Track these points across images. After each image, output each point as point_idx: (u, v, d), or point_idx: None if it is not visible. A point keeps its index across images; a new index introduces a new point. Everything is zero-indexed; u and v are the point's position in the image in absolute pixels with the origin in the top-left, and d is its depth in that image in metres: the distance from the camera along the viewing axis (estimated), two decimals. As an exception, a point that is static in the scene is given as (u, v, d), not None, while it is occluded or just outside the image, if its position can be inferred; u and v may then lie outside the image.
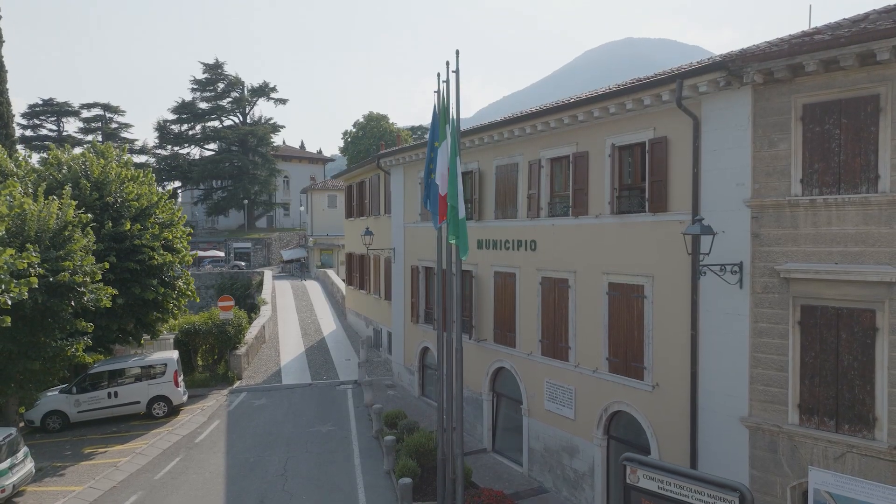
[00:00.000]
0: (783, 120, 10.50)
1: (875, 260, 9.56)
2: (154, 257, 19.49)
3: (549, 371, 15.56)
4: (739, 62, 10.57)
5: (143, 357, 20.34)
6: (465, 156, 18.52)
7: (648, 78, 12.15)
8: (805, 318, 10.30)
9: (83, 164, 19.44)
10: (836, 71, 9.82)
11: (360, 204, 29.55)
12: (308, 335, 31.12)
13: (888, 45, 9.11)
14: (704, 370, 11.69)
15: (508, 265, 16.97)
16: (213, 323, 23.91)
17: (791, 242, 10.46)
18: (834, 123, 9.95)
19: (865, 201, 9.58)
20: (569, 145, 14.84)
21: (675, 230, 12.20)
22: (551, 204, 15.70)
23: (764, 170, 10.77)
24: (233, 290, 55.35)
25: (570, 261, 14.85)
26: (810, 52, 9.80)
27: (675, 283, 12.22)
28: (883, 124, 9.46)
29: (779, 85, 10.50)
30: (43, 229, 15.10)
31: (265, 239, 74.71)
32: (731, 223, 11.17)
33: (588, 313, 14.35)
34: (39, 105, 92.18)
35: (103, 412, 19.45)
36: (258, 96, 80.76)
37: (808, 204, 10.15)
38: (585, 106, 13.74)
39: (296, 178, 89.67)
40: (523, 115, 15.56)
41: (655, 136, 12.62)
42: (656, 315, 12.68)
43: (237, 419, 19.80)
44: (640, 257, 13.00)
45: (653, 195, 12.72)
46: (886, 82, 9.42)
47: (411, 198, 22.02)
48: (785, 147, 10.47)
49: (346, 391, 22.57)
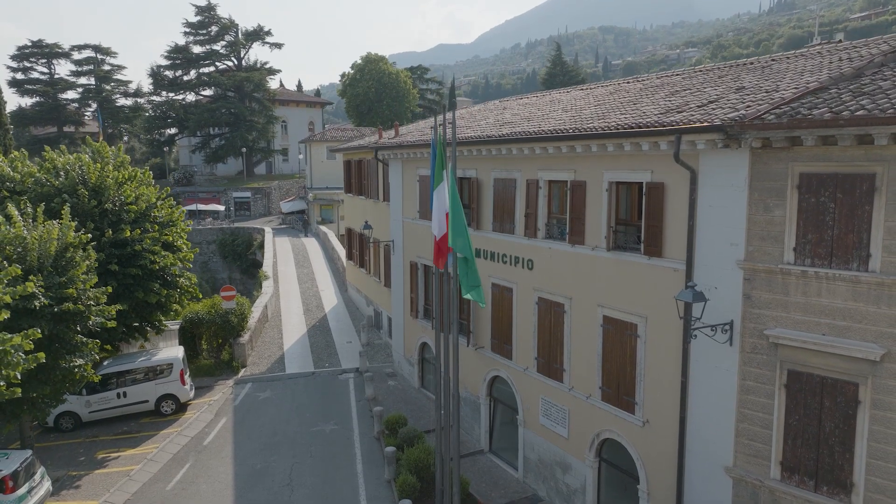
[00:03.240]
0: (779, 186, 10.51)
1: (861, 336, 9.79)
2: (155, 261, 19.70)
3: (544, 388, 16.03)
4: (738, 128, 10.48)
5: (150, 357, 20.84)
6: (462, 162, 18.44)
7: (646, 126, 12.01)
8: (791, 381, 10.62)
9: (80, 169, 19.35)
10: (834, 145, 9.76)
11: (360, 183, 29.44)
12: (310, 311, 31.65)
13: (887, 132, 9.04)
14: (693, 416, 12.10)
15: (506, 279, 17.18)
16: (217, 312, 24.32)
17: (781, 308, 10.66)
18: (829, 196, 9.97)
19: (856, 279, 9.72)
20: (567, 171, 14.80)
21: (669, 277, 12.37)
22: (548, 225, 15.77)
23: (758, 233, 10.85)
24: (234, 245, 55.86)
25: (566, 287, 15.06)
26: (809, 129, 9.72)
27: (667, 328, 12.47)
28: (877, 204, 9.50)
29: (777, 151, 10.45)
30: (44, 256, 15.25)
31: (265, 188, 74.55)
32: (723, 280, 11.33)
33: (583, 340, 14.67)
34: (28, 47, 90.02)
35: (113, 411, 20.12)
36: (253, 40, 78.87)
37: (800, 274, 10.29)
38: (582, 140, 13.63)
39: (294, 122, 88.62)
40: (521, 137, 15.40)
41: (653, 180, 12.59)
42: (649, 355, 12.99)
43: (243, 416, 20.49)
44: (635, 296, 13.21)
45: (648, 238, 12.80)
46: (883, 163, 9.40)
47: (410, 193, 21.99)
48: (780, 214, 10.52)
49: (348, 381, 23.21)
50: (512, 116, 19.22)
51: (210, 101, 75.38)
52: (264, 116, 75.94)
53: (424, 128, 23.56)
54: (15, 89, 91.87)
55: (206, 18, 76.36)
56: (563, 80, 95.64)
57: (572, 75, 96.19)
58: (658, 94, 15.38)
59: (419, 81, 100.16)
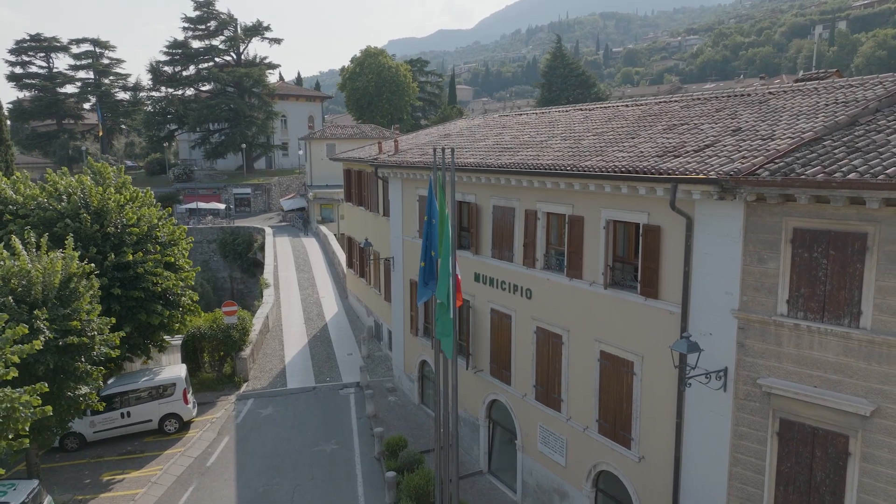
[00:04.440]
0: (773, 239, 10.66)
1: (852, 391, 9.99)
2: (158, 283, 19.88)
3: (542, 416, 16.26)
4: (733, 183, 10.62)
5: (153, 377, 21.09)
6: (462, 187, 18.50)
7: (644, 171, 12.13)
8: (783, 430, 10.84)
9: (82, 193, 19.47)
10: (827, 204, 9.89)
11: (360, 194, 29.56)
12: (311, 320, 31.88)
13: (877, 196, 9.18)
14: (688, 457, 12.33)
15: (505, 305, 17.36)
16: (218, 327, 24.54)
17: (774, 358, 10.85)
18: (822, 253, 10.13)
19: (847, 335, 9.90)
20: (565, 205, 14.93)
21: (665, 319, 12.56)
22: (547, 256, 15.92)
23: (752, 284, 11.01)
24: (234, 245, 56.03)
25: (564, 319, 15.24)
26: (802, 188, 9.86)
27: (663, 368, 12.66)
28: (869, 263, 9.65)
29: (771, 205, 10.58)
30: (48, 287, 15.44)
31: (265, 184, 74.62)
32: (718, 327, 11.52)
33: (580, 372, 14.88)
34: (27, 41, 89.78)
35: (117, 431, 20.40)
36: (252, 35, 78.64)
37: (793, 326, 10.48)
38: (580, 178, 13.75)
39: (294, 116, 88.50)
40: (520, 170, 15.50)
41: (649, 223, 12.74)
42: (645, 393, 13.21)
43: (245, 435, 20.76)
44: (631, 335, 13.39)
45: (645, 279, 12.97)
46: (875, 223, 9.54)
47: (409, 212, 22.12)
48: (774, 266, 10.68)
49: (349, 397, 23.48)
50: (511, 140, 19.29)
51: (209, 97, 75.21)
52: (264, 112, 75.87)
53: (425, 143, 23.62)
54: (13, 83, 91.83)
55: (205, 14, 76.06)
56: (563, 72, 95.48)
57: (572, 68, 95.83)
58: (656, 125, 15.47)
59: (419, 74, 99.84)
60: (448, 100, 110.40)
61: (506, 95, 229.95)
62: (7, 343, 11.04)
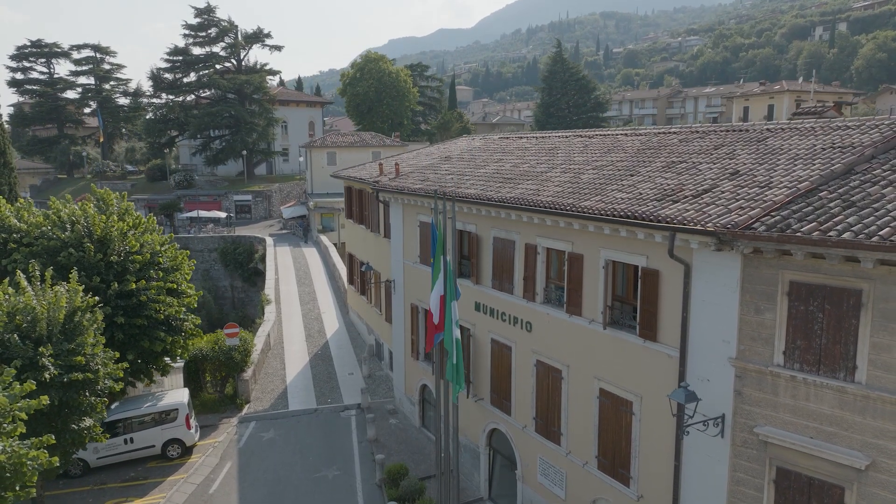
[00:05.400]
0: (770, 291, 10.79)
1: (848, 444, 10.12)
2: (160, 310, 20.02)
3: (542, 449, 16.40)
4: (729, 236, 10.75)
5: (156, 403, 21.24)
6: (463, 216, 18.64)
7: (642, 217, 12.25)
8: (780, 478, 10.98)
9: (85, 221, 19.62)
10: (823, 259, 10.02)
11: (360, 213, 29.69)
12: (312, 337, 32.03)
13: (872, 257, 9.32)
14: (686, 499, 12.46)
15: (505, 336, 17.49)
16: (220, 349, 24.69)
17: (770, 408, 10.99)
18: (818, 307, 10.26)
19: (843, 389, 10.04)
20: (565, 242, 15.06)
21: (663, 361, 12.69)
22: (547, 290, 16.06)
23: (749, 333, 11.15)
24: (235, 254, 56.16)
25: (564, 354, 15.38)
26: (798, 244, 9.99)
27: (662, 410, 12.78)
28: (864, 319, 9.78)
29: (768, 258, 10.71)
30: (53, 323, 15.58)
31: (265, 191, 74.74)
32: (715, 374, 11.65)
33: (580, 408, 15.02)
34: (28, 46, 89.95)
35: (121, 457, 20.55)
36: (252, 42, 78.77)
37: (789, 378, 10.61)
38: (579, 219, 13.89)
39: (294, 122, 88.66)
40: (519, 206, 15.62)
41: (648, 266, 12.87)
42: (643, 433, 13.35)
43: (248, 460, 20.92)
44: (630, 375, 13.53)
45: (643, 321, 13.10)
46: (870, 281, 9.67)
47: (410, 237, 22.26)
48: (770, 317, 10.82)
49: (350, 419, 23.64)
50: (511, 168, 19.39)
51: (210, 104, 75.31)
52: (265, 119, 76.01)
53: (426, 167, 23.74)
54: (15, 89, 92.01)
55: (206, 21, 76.17)
56: (563, 76, 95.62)
57: (573, 73, 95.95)
58: (655, 161, 15.58)
59: (419, 79, 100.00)
60: (448, 104, 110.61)
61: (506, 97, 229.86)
62: (15, 400, 11.20)
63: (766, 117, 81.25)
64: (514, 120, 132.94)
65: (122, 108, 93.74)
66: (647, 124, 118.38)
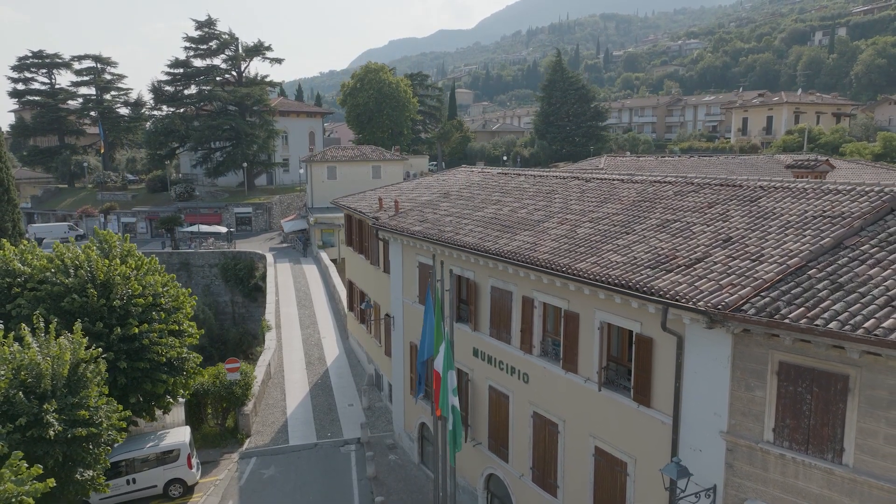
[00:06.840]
0: (760, 369, 11.03)
1: (836, 524, 10.36)
2: (162, 352, 20.27)
3: (539, 499, 16.62)
4: (720, 317, 10.99)
5: (158, 443, 21.47)
6: (461, 262, 18.87)
7: (635, 289, 12.48)
8: (770, 552, 11.21)
9: (89, 266, 19.86)
10: (810, 344, 10.25)
11: (360, 243, 29.92)
12: (312, 364, 32.27)
13: (858, 348, 9.55)
14: (679, 564, 12.69)
15: (503, 385, 17.71)
16: (221, 384, 24.94)
17: (761, 482, 11.23)
18: (806, 388, 10.50)
19: (830, 471, 10.28)
20: (561, 300, 15.29)
21: (657, 427, 12.93)
22: (544, 343, 16.30)
23: (740, 409, 11.39)
24: (236, 270, 56.39)
25: (560, 409, 15.61)
26: (787, 330, 10.23)
27: (656, 474, 13.00)
28: (850, 404, 10.02)
29: (757, 338, 10.95)
30: (57, 377, 15.83)
31: (266, 203, 75.03)
32: (707, 445, 11.89)
33: (576, 463, 15.26)
34: (29, 57, 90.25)
35: (123, 497, 20.79)
36: (253, 55, 79.04)
37: (779, 455, 10.86)
38: (575, 282, 14.12)
39: (295, 133, 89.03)
40: (516, 262, 15.85)
41: (642, 333, 13.11)
42: (638, 494, 13.58)
43: (248, 499, 21.15)
44: (625, 436, 13.77)
45: (637, 386, 13.34)
46: (857, 368, 9.90)
47: (410, 277, 22.49)
48: (760, 395, 11.06)
49: (350, 455, 23.88)
50: (509, 214, 19.57)
51: (211, 116, 75.59)
52: (265, 131, 76.31)
53: (424, 204, 23.95)
54: (16, 99, 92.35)
55: (207, 34, 76.46)
56: (562, 86, 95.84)
57: (572, 82, 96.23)
58: (650, 216, 15.79)
59: (419, 88, 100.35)
60: (448, 110, 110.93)
61: (506, 100, 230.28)
62: (22, 484, 11.43)
63: (765, 129, 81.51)
64: (514, 128, 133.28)
65: (123, 118, 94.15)
66: (647, 133, 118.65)
